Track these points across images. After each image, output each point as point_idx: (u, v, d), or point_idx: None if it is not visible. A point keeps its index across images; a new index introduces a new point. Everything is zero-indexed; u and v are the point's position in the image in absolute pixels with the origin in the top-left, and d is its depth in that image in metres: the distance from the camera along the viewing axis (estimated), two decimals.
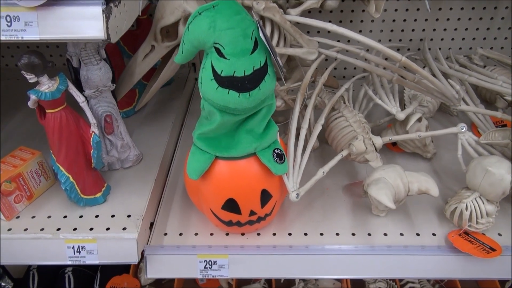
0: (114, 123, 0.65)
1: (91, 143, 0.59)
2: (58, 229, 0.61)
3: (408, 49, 1.01)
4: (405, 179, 0.61)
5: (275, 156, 0.56)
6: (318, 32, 0.96)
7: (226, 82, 0.49)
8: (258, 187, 0.57)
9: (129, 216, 0.63)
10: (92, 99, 0.64)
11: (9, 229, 0.62)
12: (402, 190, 0.61)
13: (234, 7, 0.49)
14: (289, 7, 0.80)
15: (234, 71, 0.49)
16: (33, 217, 0.64)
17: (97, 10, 0.48)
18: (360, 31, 0.99)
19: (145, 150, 0.76)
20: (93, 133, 0.59)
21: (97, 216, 0.64)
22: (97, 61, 0.61)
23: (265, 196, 0.58)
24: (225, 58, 0.48)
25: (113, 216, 0.64)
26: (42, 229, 0.61)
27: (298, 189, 0.60)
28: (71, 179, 0.61)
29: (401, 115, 0.68)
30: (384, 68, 0.69)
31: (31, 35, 0.48)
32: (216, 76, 0.49)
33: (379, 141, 0.66)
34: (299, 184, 0.60)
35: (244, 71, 0.49)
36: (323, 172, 0.63)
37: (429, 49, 0.94)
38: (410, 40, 1.00)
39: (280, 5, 0.77)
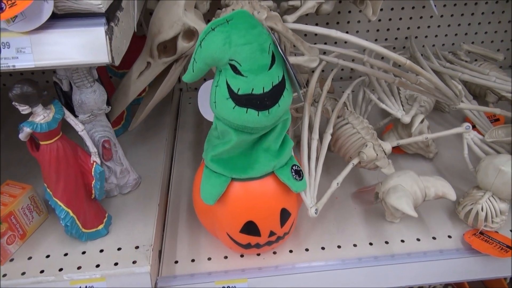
0: (112, 148, 0.60)
1: (92, 173, 0.54)
2: (61, 269, 0.56)
3: (394, 48, 1.01)
4: (421, 184, 0.60)
5: (293, 173, 0.54)
6: (316, 35, 0.94)
7: (244, 100, 0.46)
8: (278, 207, 0.55)
9: (137, 247, 0.59)
10: (86, 124, 0.59)
11: (4, 275, 0.55)
12: (419, 196, 0.60)
13: (249, 21, 0.45)
14: (280, 12, 0.77)
15: (253, 89, 0.46)
16: (30, 258, 0.58)
17: (100, 32, 0.44)
18: (347, 32, 0.98)
19: (142, 171, 0.72)
20: (94, 163, 0.54)
21: (101, 251, 0.59)
22: (90, 83, 0.56)
23: (285, 215, 0.56)
24: (242, 75, 0.45)
25: (119, 249, 0.59)
26: (42, 271, 0.56)
27: (316, 203, 0.58)
28: (71, 213, 0.56)
29: (407, 119, 0.68)
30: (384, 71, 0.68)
31: (24, 62, 0.43)
32: (232, 94, 0.46)
33: (388, 146, 0.66)
34: (315, 198, 0.58)
35: (263, 88, 0.46)
36: (338, 183, 0.61)
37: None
38: (396, 38, 1.00)
39: (271, 10, 0.74)
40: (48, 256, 0.58)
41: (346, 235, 0.64)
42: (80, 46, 0.43)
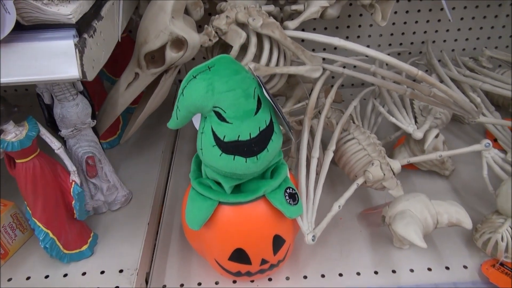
0: (97, 164, 0.57)
1: (71, 193, 0.50)
2: None
3: (409, 53, 0.94)
4: (433, 210, 0.54)
5: (287, 197, 0.49)
6: (324, 49, 0.89)
7: (230, 148, 0.43)
8: (270, 234, 0.50)
9: (121, 271, 0.55)
10: (70, 139, 0.56)
11: None
12: (430, 224, 0.54)
13: (232, 66, 0.43)
14: (283, 17, 0.73)
15: (239, 135, 0.43)
16: (10, 279, 0.55)
17: (69, 45, 0.40)
18: (358, 36, 0.92)
19: (134, 186, 0.68)
20: (73, 183, 0.50)
21: (84, 274, 0.55)
22: (72, 95, 0.53)
23: (278, 242, 0.51)
24: (227, 122, 0.43)
25: (102, 272, 0.55)
26: None
27: (314, 229, 0.53)
28: (51, 235, 0.53)
29: (418, 134, 0.62)
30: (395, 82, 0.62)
31: None
32: (218, 142, 0.43)
33: (397, 165, 0.60)
34: (314, 224, 0.53)
35: (250, 134, 0.43)
36: (339, 206, 0.56)
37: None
38: (411, 43, 0.93)
39: (273, 15, 0.69)
40: (28, 278, 0.55)
41: (349, 261, 0.59)
42: (47, 61, 0.40)
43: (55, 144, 0.49)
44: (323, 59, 0.62)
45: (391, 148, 0.75)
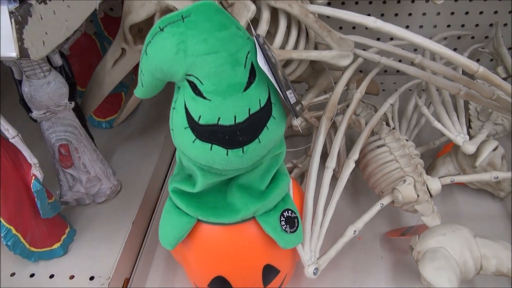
0: (73, 154, 0.49)
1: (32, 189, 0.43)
2: None
3: (472, 37, 0.78)
4: (476, 252, 0.42)
5: (283, 223, 0.38)
6: (354, 28, 0.75)
7: (207, 133, 0.32)
8: (259, 263, 0.40)
9: (92, 278, 0.48)
10: (44, 122, 0.48)
11: None
12: (471, 269, 0.42)
13: (215, 18, 0.30)
14: None
15: (219, 118, 0.31)
16: None
17: (3, 13, 0.31)
18: (410, 14, 0.76)
19: (127, 175, 0.60)
20: (33, 178, 0.43)
21: (52, 276, 0.49)
22: (44, 72, 0.45)
23: (270, 273, 0.41)
24: (204, 97, 0.31)
25: (72, 277, 0.48)
26: None
27: (318, 259, 0.42)
28: (14, 231, 0.46)
29: (470, 148, 0.48)
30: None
31: None
32: (192, 123, 0.32)
33: (436, 185, 0.47)
34: (319, 252, 0.43)
35: (235, 117, 0.31)
36: (355, 231, 0.45)
37: (502, 36, 0.71)
38: (476, 25, 0.77)
39: None
40: None
41: None
42: None
43: (10, 132, 0.41)
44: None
45: (434, 155, 0.61)
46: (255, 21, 0.47)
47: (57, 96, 0.46)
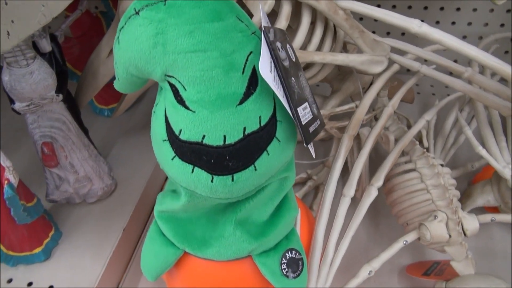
0: (58, 152, 0.44)
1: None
2: None
3: None
4: None
5: (284, 266, 0.32)
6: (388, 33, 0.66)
7: (188, 152, 0.25)
8: None
9: None
10: (28, 115, 0.43)
11: None
12: None
13: (206, 2, 0.23)
14: None
15: (204, 136, 0.24)
16: None
17: None
18: (458, 9, 0.67)
19: (125, 173, 0.55)
20: (6, 182, 0.38)
21: (30, 284, 0.44)
22: (27, 59, 0.39)
23: None
24: (187, 107, 0.24)
25: (50, 287, 0.44)
26: None
27: None
28: None
29: None
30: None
31: None
32: (171, 137, 0.25)
33: (473, 225, 0.39)
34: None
35: (224, 137, 0.24)
36: (370, 271, 0.38)
37: None
38: None
39: None
40: None
41: None
42: None
43: None
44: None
45: (470, 176, 0.54)
46: (273, 15, 0.40)
47: (41, 88, 0.40)
